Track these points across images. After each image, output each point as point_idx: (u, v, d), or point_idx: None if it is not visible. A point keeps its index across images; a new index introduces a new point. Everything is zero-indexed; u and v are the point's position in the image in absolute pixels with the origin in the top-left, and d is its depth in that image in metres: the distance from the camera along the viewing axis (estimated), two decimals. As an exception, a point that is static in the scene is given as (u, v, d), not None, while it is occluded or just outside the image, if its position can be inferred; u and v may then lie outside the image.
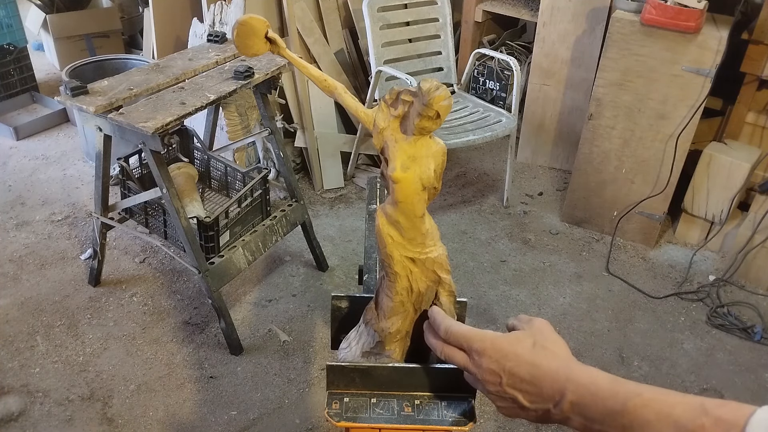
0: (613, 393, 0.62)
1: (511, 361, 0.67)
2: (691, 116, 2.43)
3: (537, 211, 2.99)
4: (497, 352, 0.68)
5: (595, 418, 0.62)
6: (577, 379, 0.64)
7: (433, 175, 0.77)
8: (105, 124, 1.90)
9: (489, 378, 0.68)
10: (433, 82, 0.72)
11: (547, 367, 0.66)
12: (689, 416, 0.56)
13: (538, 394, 0.66)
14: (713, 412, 0.55)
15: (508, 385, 0.67)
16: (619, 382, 0.63)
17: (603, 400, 0.62)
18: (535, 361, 0.67)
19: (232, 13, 2.74)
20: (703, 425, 0.55)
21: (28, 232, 2.70)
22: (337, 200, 3.00)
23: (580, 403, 0.63)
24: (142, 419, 1.93)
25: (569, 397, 0.63)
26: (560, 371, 0.65)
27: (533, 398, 0.66)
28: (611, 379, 0.63)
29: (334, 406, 0.82)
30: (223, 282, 2.11)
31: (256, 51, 0.83)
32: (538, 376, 0.66)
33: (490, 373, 0.68)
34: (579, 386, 0.64)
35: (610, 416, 0.61)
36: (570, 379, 0.64)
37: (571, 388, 0.64)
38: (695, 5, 2.26)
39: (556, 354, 0.68)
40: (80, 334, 2.21)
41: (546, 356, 0.67)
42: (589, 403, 0.62)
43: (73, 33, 3.91)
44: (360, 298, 0.96)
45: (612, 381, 0.63)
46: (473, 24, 3.38)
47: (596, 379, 0.64)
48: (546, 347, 0.69)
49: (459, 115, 2.85)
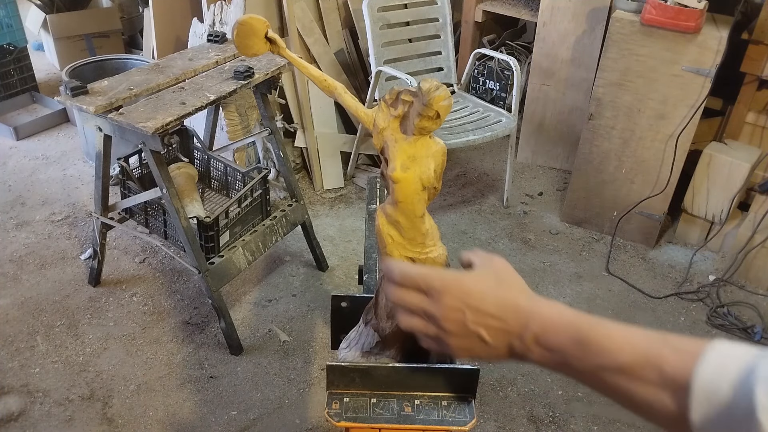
0: (576, 323, 0.62)
1: (476, 297, 0.66)
2: (691, 116, 2.43)
3: (537, 211, 2.99)
4: (460, 290, 0.67)
5: (557, 348, 0.62)
6: (541, 312, 0.64)
7: (433, 175, 0.77)
8: (105, 124, 1.90)
9: (451, 315, 0.67)
10: (433, 82, 0.72)
11: (513, 301, 0.66)
12: (650, 345, 0.57)
13: (503, 328, 0.66)
14: (674, 343, 0.56)
15: (472, 321, 0.66)
16: (583, 314, 0.64)
17: (566, 329, 0.62)
18: (500, 296, 0.67)
19: (232, 13, 2.74)
20: (661, 353, 0.56)
21: (28, 232, 2.70)
22: (337, 200, 3.00)
23: (543, 335, 0.63)
24: (142, 419, 1.93)
25: (533, 329, 0.64)
26: (525, 305, 0.66)
27: (497, 333, 0.66)
28: (575, 312, 0.64)
29: (334, 406, 0.82)
30: (223, 282, 2.11)
31: (256, 51, 0.83)
32: (503, 310, 0.66)
33: (453, 310, 0.67)
34: (543, 318, 0.64)
35: (572, 345, 0.61)
36: (534, 311, 0.65)
37: (535, 320, 0.64)
38: (695, 5, 2.26)
39: (520, 290, 0.69)
40: (80, 334, 2.21)
41: (510, 292, 0.67)
42: (552, 334, 0.63)
43: (73, 33, 3.91)
44: (360, 298, 0.96)
45: (576, 313, 0.64)
46: (473, 24, 3.37)
47: (561, 311, 0.64)
48: (510, 284, 0.69)
49: (459, 115, 2.85)
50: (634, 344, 0.58)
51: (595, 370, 0.60)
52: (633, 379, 0.57)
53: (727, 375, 0.51)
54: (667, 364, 0.55)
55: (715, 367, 0.52)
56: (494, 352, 0.67)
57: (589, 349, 0.60)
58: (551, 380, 2.12)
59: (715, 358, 0.53)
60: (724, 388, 0.51)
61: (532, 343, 0.64)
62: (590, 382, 0.62)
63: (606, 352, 0.59)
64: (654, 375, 0.56)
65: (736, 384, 0.51)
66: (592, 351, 0.60)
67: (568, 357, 0.62)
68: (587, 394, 2.08)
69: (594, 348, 0.60)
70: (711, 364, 0.53)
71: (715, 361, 0.53)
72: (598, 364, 0.59)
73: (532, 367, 2.16)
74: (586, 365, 0.60)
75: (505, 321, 0.65)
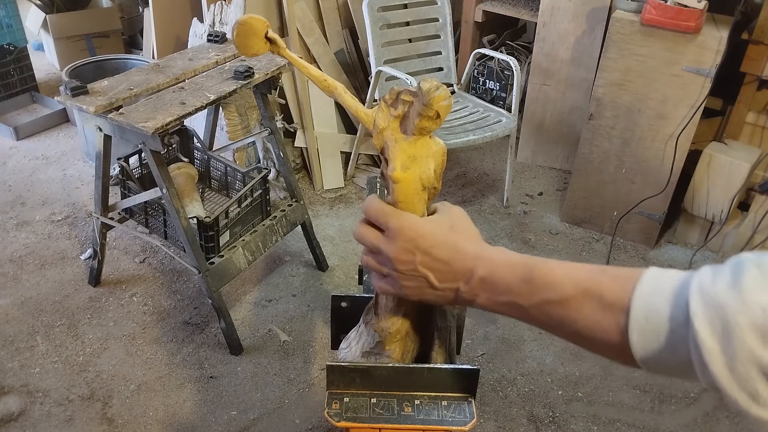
0: (522, 263, 0.65)
1: (428, 240, 0.68)
2: (691, 116, 2.43)
3: (537, 211, 2.99)
4: (414, 231, 0.69)
5: (502, 290, 0.65)
6: (488, 257, 0.67)
7: (433, 175, 0.77)
8: (105, 124, 1.90)
9: (402, 257, 0.69)
10: (433, 82, 0.72)
11: (462, 247, 0.68)
12: (591, 276, 0.60)
13: (450, 272, 0.68)
14: (612, 272, 0.59)
15: (421, 264, 0.68)
16: (527, 255, 0.66)
17: (513, 270, 0.65)
18: (450, 241, 0.69)
19: (232, 13, 2.74)
20: (600, 282, 0.59)
21: (28, 232, 2.70)
22: (337, 200, 3.00)
23: (488, 278, 0.66)
24: (142, 419, 1.93)
25: (479, 273, 0.66)
26: (472, 251, 0.68)
27: (444, 276, 0.68)
28: (519, 254, 0.67)
29: (334, 406, 0.82)
30: (223, 282, 2.11)
31: (256, 51, 0.83)
32: (452, 256, 0.68)
33: (404, 252, 0.69)
34: (489, 262, 0.66)
35: (518, 283, 0.64)
36: (481, 257, 0.67)
37: (482, 265, 0.66)
38: (695, 5, 2.26)
39: (471, 237, 0.71)
40: (80, 334, 2.21)
41: (462, 239, 0.69)
42: (498, 277, 0.65)
43: (73, 33, 3.91)
44: (360, 298, 0.96)
45: (520, 255, 0.67)
46: (473, 24, 3.37)
47: (506, 254, 0.67)
48: (462, 231, 0.71)
49: (459, 115, 2.85)
50: (576, 277, 0.61)
51: (541, 304, 0.62)
52: (576, 309, 0.60)
53: (662, 293, 0.54)
54: (606, 291, 0.58)
55: (651, 288, 0.55)
56: (441, 294, 0.70)
57: (534, 286, 0.63)
58: (551, 380, 2.12)
59: (650, 280, 0.56)
60: (660, 305, 0.54)
61: (479, 286, 0.66)
62: (537, 319, 0.64)
63: (550, 286, 0.62)
64: (595, 303, 0.58)
65: (671, 299, 0.53)
66: (538, 287, 0.62)
67: (515, 296, 0.64)
68: (587, 394, 2.08)
69: (539, 284, 0.62)
70: (647, 285, 0.56)
71: (650, 282, 0.56)
72: (544, 299, 0.62)
73: (532, 367, 2.16)
74: (532, 301, 0.63)
75: (452, 266, 0.68)
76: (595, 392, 2.09)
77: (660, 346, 0.54)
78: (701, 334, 0.49)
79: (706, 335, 0.49)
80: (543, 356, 2.21)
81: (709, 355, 0.49)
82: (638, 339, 0.55)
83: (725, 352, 0.48)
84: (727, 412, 2.05)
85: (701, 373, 0.51)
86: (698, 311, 0.50)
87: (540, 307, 0.62)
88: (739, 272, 0.50)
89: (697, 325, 0.49)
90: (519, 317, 0.65)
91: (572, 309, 0.60)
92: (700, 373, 0.51)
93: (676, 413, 2.04)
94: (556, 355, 2.22)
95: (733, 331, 0.48)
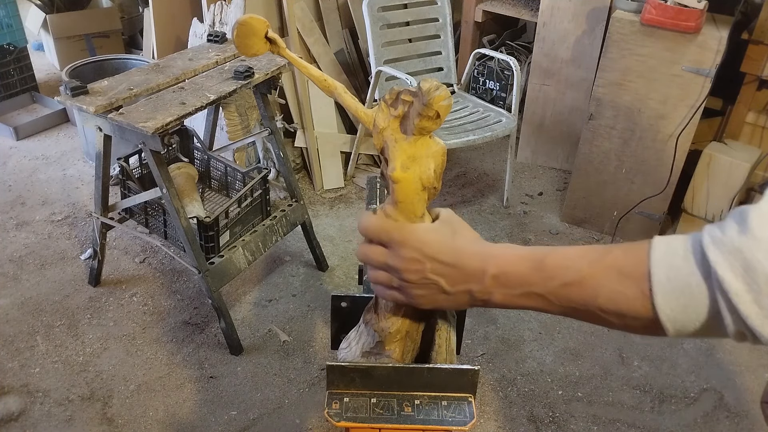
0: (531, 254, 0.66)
1: (434, 247, 0.69)
2: (691, 116, 2.43)
3: (537, 211, 2.99)
4: (418, 241, 0.69)
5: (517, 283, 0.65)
6: (496, 254, 0.67)
7: (433, 175, 0.77)
8: (105, 124, 1.90)
9: (411, 266, 0.69)
10: (433, 82, 0.72)
11: (469, 249, 0.69)
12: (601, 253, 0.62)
13: (461, 275, 0.68)
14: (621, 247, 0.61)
15: (431, 270, 0.68)
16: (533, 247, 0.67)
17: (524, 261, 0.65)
18: (456, 245, 0.69)
19: (232, 13, 2.74)
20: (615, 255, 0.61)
21: (28, 232, 2.70)
22: (337, 200, 3.00)
23: (501, 275, 0.66)
24: (142, 419, 1.93)
25: (491, 271, 0.66)
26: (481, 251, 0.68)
27: (456, 280, 0.68)
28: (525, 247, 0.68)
29: (334, 406, 0.82)
30: (223, 282, 2.11)
31: (256, 51, 0.83)
32: (460, 258, 0.68)
33: (412, 261, 0.69)
34: (499, 259, 0.67)
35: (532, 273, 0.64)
36: (490, 255, 0.67)
37: (492, 263, 0.67)
38: (695, 5, 2.26)
39: (473, 239, 0.72)
40: (80, 334, 2.21)
41: (465, 241, 0.70)
42: (510, 271, 0.65)
43: (73, 33, 3.91)
44: (360, 298, 0.96)
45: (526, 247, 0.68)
46: (473, 24, 3.37)
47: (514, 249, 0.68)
48: (463, 234, 0.72)
49: (459, 115, 2.85)
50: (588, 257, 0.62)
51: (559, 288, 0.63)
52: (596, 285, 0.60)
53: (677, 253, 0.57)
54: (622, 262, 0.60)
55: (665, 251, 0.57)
56: (454, 299, 0.70)
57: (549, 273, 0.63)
58: (551, 380, 2.12)
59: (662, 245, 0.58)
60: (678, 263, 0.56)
61: (492, 284, 0.66)
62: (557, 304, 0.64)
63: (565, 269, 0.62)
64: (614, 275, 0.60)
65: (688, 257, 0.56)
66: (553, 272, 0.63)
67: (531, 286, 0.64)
68: (587, 394, 2.08)
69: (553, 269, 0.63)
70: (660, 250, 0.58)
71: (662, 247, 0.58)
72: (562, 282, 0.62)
73: (532, 367, 2.16)
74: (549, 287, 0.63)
75: (461, 268, 0.68)
76: (595, 392, 2.09)
77: (686, 302, 0.55)
78: (726, 279, 0.51)
79: (730, 279, 0.51)
80: (543, 356, 2.21)
81: (737, 297, 0.51)
82: (663, 300, 0.56)
83: (751, 290, 0.51)
84: (727, 412, 2.05)
85: (731, 319, 0.53)
86: (718, 260, 0.53)
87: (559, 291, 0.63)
88: (743, 218, 0.53)
89: (721, 272, 0.52)
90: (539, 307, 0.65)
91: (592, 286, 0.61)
92: (729, 320, 0.53)
93: (676, 413, 2.04)
94: (556, 355, 2.22)
95: (754, 268, 0.50)
